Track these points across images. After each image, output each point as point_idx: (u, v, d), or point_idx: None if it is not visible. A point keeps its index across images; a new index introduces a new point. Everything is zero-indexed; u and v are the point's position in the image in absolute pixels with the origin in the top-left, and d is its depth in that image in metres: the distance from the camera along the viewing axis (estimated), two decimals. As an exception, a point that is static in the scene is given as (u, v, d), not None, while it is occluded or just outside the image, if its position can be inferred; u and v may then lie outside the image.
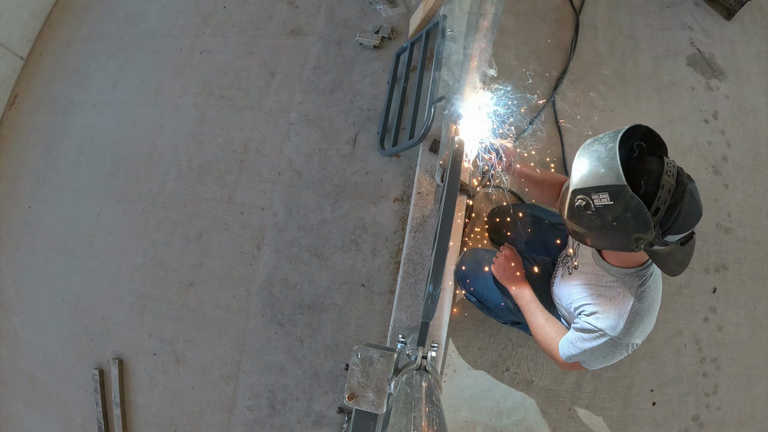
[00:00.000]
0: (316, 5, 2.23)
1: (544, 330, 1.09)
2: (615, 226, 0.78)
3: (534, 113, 1.92)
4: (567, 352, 1.00)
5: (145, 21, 2.58)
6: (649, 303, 0.91)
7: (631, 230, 0.76)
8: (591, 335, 0.93)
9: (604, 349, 0.93)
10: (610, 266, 0.93)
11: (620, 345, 0.91)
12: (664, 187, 0.75)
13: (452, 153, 1.01)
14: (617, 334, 0.90)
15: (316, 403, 1.72)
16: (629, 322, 0.89)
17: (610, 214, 0.77)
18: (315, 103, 2.05)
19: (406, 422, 0.65)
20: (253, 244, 1.93)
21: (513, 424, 1.61)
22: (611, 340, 0.91)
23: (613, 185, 0.74)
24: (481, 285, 1.35)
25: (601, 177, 0.76)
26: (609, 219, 0.77)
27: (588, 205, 0.79)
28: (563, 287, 1.08)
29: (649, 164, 0.78)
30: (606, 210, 0.77)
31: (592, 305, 0.95)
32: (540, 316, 1.11)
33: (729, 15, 2.13)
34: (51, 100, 2.64)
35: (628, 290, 0.90)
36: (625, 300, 0.90)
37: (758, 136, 1.98)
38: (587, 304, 0.96)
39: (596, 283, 0.96)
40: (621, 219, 0.76)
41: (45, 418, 2.11)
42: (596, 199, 0.77)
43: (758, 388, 1.73)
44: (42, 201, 2.43)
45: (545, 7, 2.09)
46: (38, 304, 2.25)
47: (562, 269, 1.13)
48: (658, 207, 0.75)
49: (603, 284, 0.94)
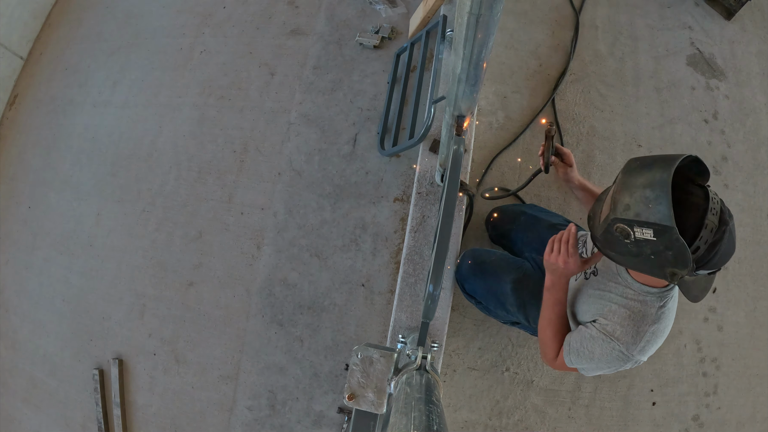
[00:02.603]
0: (316, 5, 2.23)
1: (553, 324, 1.06)
2: (652, 258, 0.75)
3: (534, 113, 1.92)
4: (572, 353, 0.98)
5: (145, 21, 2.58)
6: (665, 324, 0.90)
7: (667, 265, 0.74)
8: (604, 344, 0.91)
9: (612, 361, 0.92)
10: (634, 282, 0.91)
11: (629, 360, 0.90)
12: (707, 227, 0.71)
13: (452, 153, 1.01)
14: (630, 351, 0.89)
15: (316, 403, 1.72)
16: (645, 341, 0.88)
17: (649, 248, 0.74)
18: (315, 103, 2.05)
19: (406, 422, 0.65)
20: (253, 244, 1.93)
21: (513, 424, 1.61)
22: (623, 354, 0.89)
23: (661, 225, 0.70)
24: (480, 286, 1.35)
25: (649, 213, 0.72)
26: (647, 252, 0.75)
27: (628, 235, 0.76)
28: (579, 292, 1.06)
29: (694, 198, 0.74)
30: (646, 244, 0.74)
31: (610, 316, 0.92)
32: (558, 311, 1.06)
33: (729, 15, 2.13)
34: (51, 100, 2.64)
35: (649, 309, 0.89)
36: (644, 319, 0.89)
37: (758, 136, 1.98)
38: (606, 314, 0.93)
39: (617, 294, 0.93)
40: (660, 255, 0.73)
41: (45, 418, 2.11)
42: (638, 231, 0.74)
43: (758, 388, 1.73)
44: (42, 201, 2.43)
45: (545, 7, 2.09)
46: (38, 304, 2.25)
47: (581, 273, 1.10)
48: (699, 246, 0.72)
49: (624, 297, 0.92)
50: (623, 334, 0.89)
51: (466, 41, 0.71)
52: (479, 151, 1.85)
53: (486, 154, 1.85)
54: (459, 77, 0.83)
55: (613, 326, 0.90)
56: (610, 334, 0.90)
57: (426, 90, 1.75)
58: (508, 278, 1.29)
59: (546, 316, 1.07)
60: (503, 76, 1.97)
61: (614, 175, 1.92)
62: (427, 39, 1.76)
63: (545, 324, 1.07)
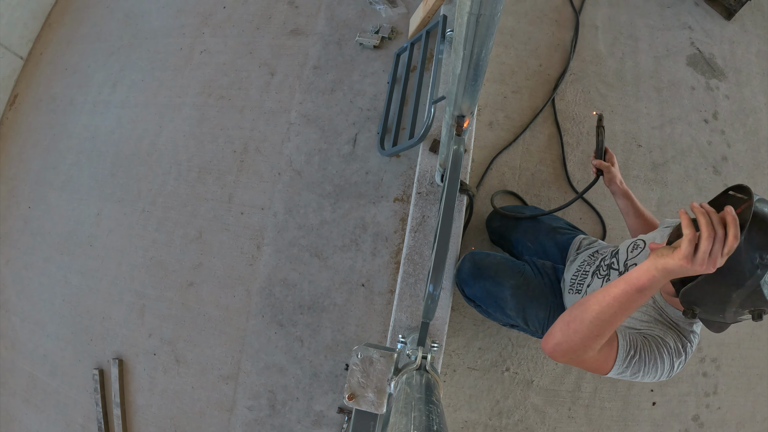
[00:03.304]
0: (316, 5, 2.23)
1: (618, 316, 0.79)
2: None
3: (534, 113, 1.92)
4: (635, 366, 0.87)
5: (145, 21, 2.58)
6: (694, 346, 0.90)
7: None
8: (671, 356, 0.88)
9: (659, 372, 0.87)
10: (667, 305, 0.91)
11: (668, 374, 0.88)
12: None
13: (452, 153, 1.01)
14: (677, 366, 0.88)
15: (316, 403, 1.72)
16: (681, 361, 0.88)
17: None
18: (315, 103, 2.05)
19: (406, 422, 0.65)
20: (253, 244, 1.93)
21: (513, 424, 1.61)
22: (673, 368, 0.88)
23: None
24: (480, 290, 1.34)
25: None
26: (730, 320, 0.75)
27: (760, 315, 0.73)
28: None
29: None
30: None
31: (658, 332, 0.89)
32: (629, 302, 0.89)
33: (729, 15, 2.13)
34: (51, 100, 2.64)
35: (684, 332, 0.89)
36: (681, 337, 0.89)
37: (758, 136, 1.98)
38: (655, 330, 0.90)
39: (657, 313, 0.91)
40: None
41: (45, 418, 2.11)
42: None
43: (758, 388, 1.73)
44: (42, 201, 2.43)
45: (545, 7, 2.09)
46: (38, 304, 2.25)
47: (607, 281, 1.06)
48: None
49: (662, 316, 0.91)
50: (675, 350, 0.87)
51: (466, 41, 0.71)
52: (479, 151, 1.85)
53: (486, 154, 1.85)
54: (459, 77, 0.83)
55: (667, 343, 0.87)
56: (683, 350, 0.88)
57: (426, 90, 1.75)
58: (508, 283, 1.28)
59: (613, 304, 0.77)
60: (503, 76, 1.97)
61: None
62: (427, 39, 1.76)
63: (611, 313, 0.77)
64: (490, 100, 1.92)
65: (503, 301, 1.29)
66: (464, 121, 0.99)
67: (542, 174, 1.84)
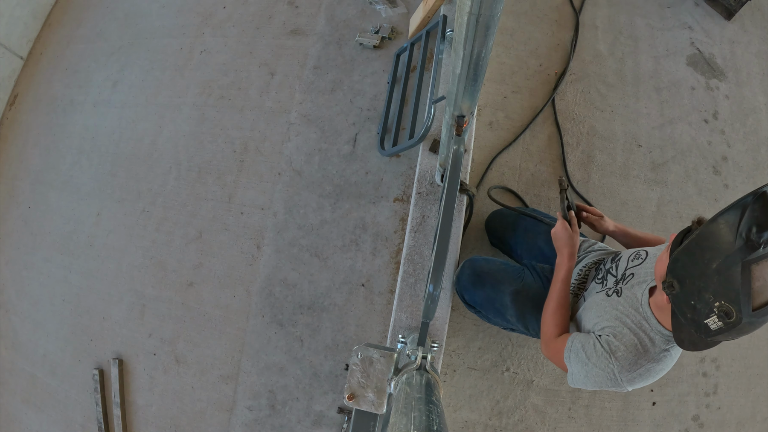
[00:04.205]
0: (316, 5, 2.23)
1: (558, 313, 1.10)
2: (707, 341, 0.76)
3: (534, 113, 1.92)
4: (573, 352, 0.99)
5: (145, 21, 2.58)
6: (661, 367, 0.91)
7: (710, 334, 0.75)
8: (601, 358, 0.92)
9: (601, 377, 0.93)
10: (652, 317, 0.91)
11: (616, 383, 0.92)
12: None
13: (452, 153, 1.01)
14: (621, 375, 0.90)
15: (316, 403, 1.72)
16: (638, 374, 0.90)
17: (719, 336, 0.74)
18: (315, 103, 2.05)
19: (406, 422, 0.65)
20: (253, 244, 1.93)
21: (513, 424, 1.61)
22: (614, 375, 0.91)
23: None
24: (480, 296, 1.34)
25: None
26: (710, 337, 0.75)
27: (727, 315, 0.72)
28: (596, 305, 1.04)
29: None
30: (719, 332, 0.73)
31: (620, 337, 0.92)
32: (563, 297, 1.12)
33: (729, 15, 2.13)
34: (51, 100, 2.64)
35: (654, 347, 0.90)
36: (646, 354, 0.89)
37: (758, 136, 1.98)
38: (617, 334, 0.93)
39: (633, 322, 0.93)
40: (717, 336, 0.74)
41: (45, 418, 2.11)
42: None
43: (758, 388, 1.73)
44: (42, 201, 2.43)
45: (545, 7, 2.09)
46: (38, 304, 2.25)
47: (602, 286, 1.08)
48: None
49: (639, 327, 0.92)
50: (623, 358, 0.90)
51: (466, 41, 0.71)
52: (479, 151, 1.85)
53: (486, 154, 1.85)
54: (459, 77, 0.83)
55: (617, 346, 0.91)
56: (612, 352, 0.91)
57: (426, 90, 1.75)
58: (508, 289, 1.28)
59: (554, 300, 1.12)
60: (503, 76, 1.97)
61: (613, 174, 1.92)
62: (427, 39, 1.76)
63: (554, 309, 1.11)
64: (490, 100, 1.92)
65: (503, 307, 1.29)
66: (464, 121, 0.99)
67: (542, 174, 1.84)
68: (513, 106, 1.93)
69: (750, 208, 0.68)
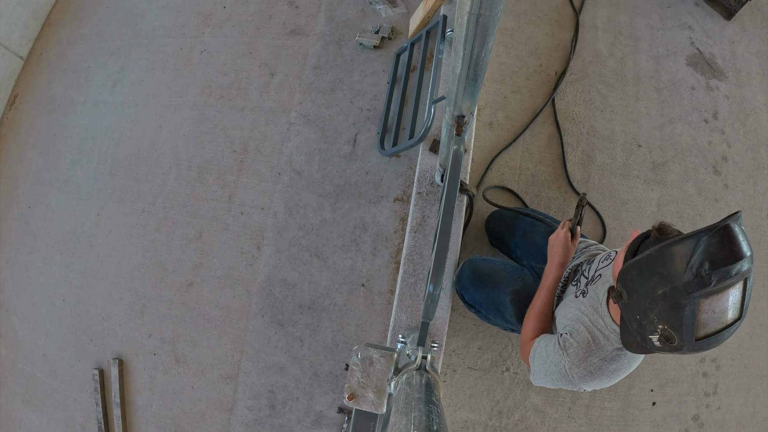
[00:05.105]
0: (316, 5, 2.23)
1: (538, 319, 1.13)
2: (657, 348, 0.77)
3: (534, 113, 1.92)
4: (536, 350, 1.02)
5: (145, 21, 2.58)
6: (616, 367, 0.91)
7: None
8: (555, 355, 0.94)
9: (554, 373, 0.95)
10: (608, 316, 0.92)
11: (568, 379, 0.93)
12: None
13: (452, 153, 1.01)
14: (571, 371, 0.91)
15: (316, 403, 1.72)
16: (589, 372, 0.91)
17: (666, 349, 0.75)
18: (315, 103, 2.05)
19: (406, 422, 0.65)
20: (253, 244, 1.93)
21: (513, 424, 1.61)
22: (564, 370, 0.92)
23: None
24: (480, 296, 1.34)
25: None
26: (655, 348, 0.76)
27: (664, 342, 0.74)
28: (566, 305, 1.07)
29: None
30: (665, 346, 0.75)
31: (575, 335, 0.94)
32: (545, 304, 1.13)
33: (729, 15, 2.13)
34: (51, 100, 2.64)
35: (608, 345, 0.90)
36: (599, 351, 0.90)
37: (758, 136, 1.98)
38: (573, 332, 0.95)
39: (590, 320, 0.95)
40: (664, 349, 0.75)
41: (45, 418, 2.11)
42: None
43: (758, 388, 1.73)
44: (42, 201, 2.43)
45: (545, 7, 2.09)
46: (38, 304, 2.25)
47: (576, 288, 1.10)
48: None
49: (594, 325, 0.93)
50: (573, 354, 0.91)
51: (466, 41, 0.71)
52: (479, 151, 1.85)
53: (486, 154, 1.85)
54: (459, 77, 0.83)
55: (571, 343, 0.93)
56: (565, 348, 0.93)
57: (426, 90, 1.75)
58: (507, 289, 1.28)
59: (537, 306, 1.15)
60: (503, 76, 1.97)
61: (613, 174, 1.92)
62: (427, 39, 1.76)
63: (535, 314, 1.14)
64: (490, 100, 1.92)
65: (503, 307, 1.29)
66: (464, 121, 0.99)
67: (542, 174, 1.84)
68: (513, 106, 1.93)
69: (706, 242, 0.66)
